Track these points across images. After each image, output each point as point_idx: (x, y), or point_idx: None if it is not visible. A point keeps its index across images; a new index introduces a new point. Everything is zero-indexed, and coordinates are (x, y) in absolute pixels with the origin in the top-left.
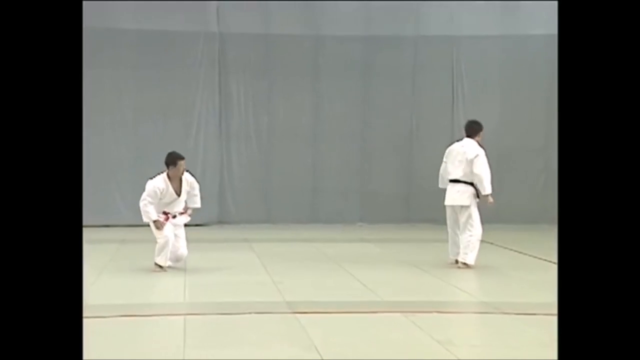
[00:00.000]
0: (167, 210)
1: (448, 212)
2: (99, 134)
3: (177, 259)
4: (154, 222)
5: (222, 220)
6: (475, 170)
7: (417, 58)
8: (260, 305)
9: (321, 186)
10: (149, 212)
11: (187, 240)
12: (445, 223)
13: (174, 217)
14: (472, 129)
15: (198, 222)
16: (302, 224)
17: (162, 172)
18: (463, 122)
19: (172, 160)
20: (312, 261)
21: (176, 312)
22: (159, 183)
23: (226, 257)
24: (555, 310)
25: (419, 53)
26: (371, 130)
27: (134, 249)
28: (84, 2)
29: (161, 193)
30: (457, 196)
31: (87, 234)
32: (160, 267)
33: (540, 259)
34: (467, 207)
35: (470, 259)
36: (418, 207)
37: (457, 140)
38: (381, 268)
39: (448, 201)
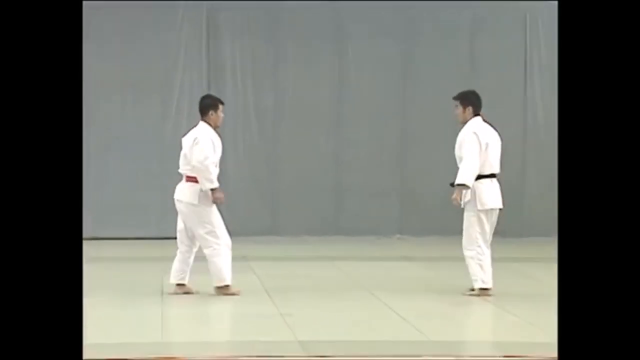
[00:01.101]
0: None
1: (488, 219)
2: None
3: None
4: (213, 191)
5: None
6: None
7: (477, 16)
8: (264, 346)
9: (345, 185)
10: (213, 173)
11: (165, 258)
12: (513, 235)
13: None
14: (479, 104)
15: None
16: (319, 236)
17: (195, 127)
18: (540, 102)
19: (213, 103)
20: (333, 287)
21: (151, 354)
22: (210, 133)
23: None
24: None
25: (479, 9)
26: (414, 111)
27: (94, 270)
28: None
29: (214, 146)
30: (500, 197)
31: None
32: (228, 287)
33: None
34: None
35: None
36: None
37: (463, 124)
38: (427, 297)
39: (497, 203)
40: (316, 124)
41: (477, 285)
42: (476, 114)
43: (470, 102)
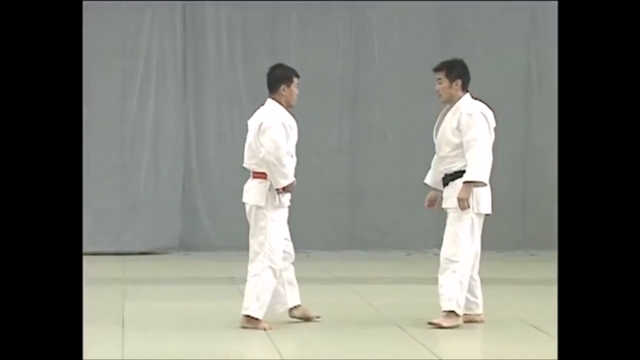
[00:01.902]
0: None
1: (480, 225)
2: None
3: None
4: (285, 188)
5: (188, 246)
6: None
7: None
8: None
9: (364, 186)
10: (287, 167)
11: (128, 280)
12: None
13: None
14: (467, 77)
15: (148, 249)
16: (329, 251)
17: (262, 106)
18: None
19: (285, 75)
20: (349, 319)
21: None
22: (282, 114)
23: (197, 310)
24: None
25: None
26: None
27: None
28: None
29: (287, 132)
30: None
31: None
32: (255, 320)
33: None
34: None
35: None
36: (541, 222)
37: (446, 102)
38: (473, 332)
39: (490, 206)
40: (326, 107)
41: (449, 306)
42: (465, 90)
43: (458, 74)
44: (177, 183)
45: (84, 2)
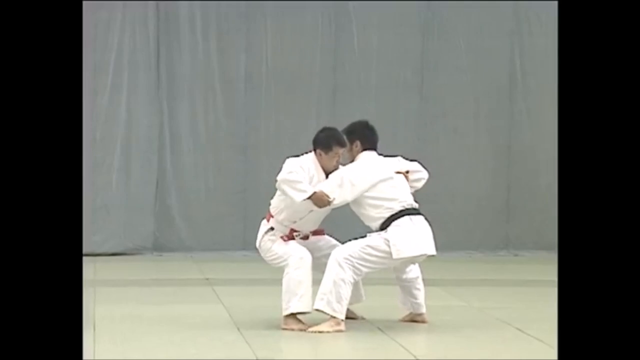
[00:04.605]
0: (296, 226)
1: None
2: None
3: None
4: (313, 196)
5: (162, 247)
6: None
7: None
8: None
9: None
10: (301, 181)
11: (99, 282)
12: None
13: (306, 237)
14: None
15: (119, 250)
16: None
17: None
18: None
19: (325, 141)
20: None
21: None
22: (306, 162)
23: (170, 313)
24: None
25: None
26: (438, 83)
27: None
28: None
29: (308, 177)
30: None
31: None
32: (298, 317)
33: None
34: None
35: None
36: (525, 221)
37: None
38: (464, 334)
39: None
40: (304, 101)
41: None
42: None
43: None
44: (150, 182)
45: None
